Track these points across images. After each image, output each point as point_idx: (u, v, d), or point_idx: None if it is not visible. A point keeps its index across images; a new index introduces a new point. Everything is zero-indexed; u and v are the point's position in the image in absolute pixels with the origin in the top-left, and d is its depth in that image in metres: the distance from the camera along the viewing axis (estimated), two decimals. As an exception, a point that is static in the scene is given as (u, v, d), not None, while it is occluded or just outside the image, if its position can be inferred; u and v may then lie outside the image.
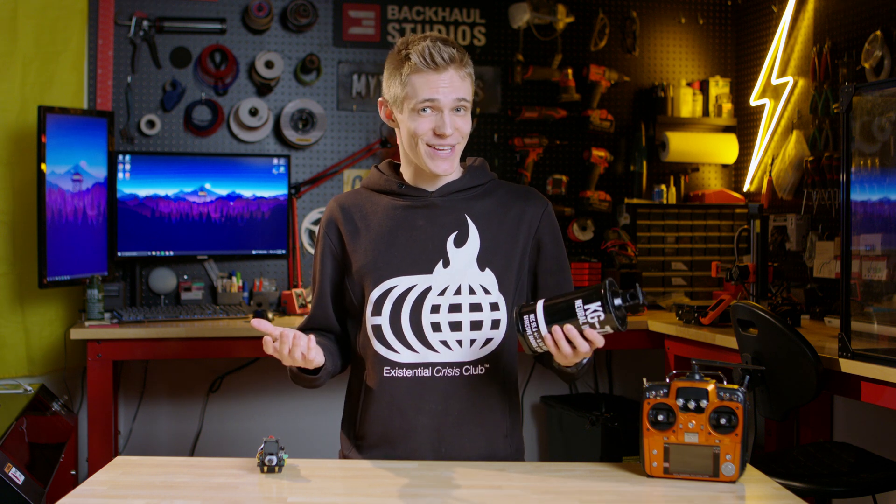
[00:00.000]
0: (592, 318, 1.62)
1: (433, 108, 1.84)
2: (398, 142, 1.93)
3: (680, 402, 1.64)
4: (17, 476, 2.62)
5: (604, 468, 1.75)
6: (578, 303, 1.63)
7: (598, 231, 4.31)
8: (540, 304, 1.66)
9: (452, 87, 1.83)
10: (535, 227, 1.94)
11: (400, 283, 1.87)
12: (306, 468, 1.73)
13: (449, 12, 4.19)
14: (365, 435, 1.92)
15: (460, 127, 1.86)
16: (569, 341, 1.64)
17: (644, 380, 1.68)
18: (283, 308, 3.82)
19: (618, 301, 1.62)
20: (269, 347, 1.73)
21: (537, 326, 1.66)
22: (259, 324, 1.72)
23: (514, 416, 1.96)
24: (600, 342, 1.65)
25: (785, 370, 2.64)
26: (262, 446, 1.69)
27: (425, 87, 1.83)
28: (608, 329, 1.63)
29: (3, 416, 2.96)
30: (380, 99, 1.95)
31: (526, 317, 1.67)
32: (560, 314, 1.64)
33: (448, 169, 1.87)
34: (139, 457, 1.82)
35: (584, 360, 1.75)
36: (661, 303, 4.01)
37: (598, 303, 1.61)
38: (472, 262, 1.89)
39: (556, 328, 1.64)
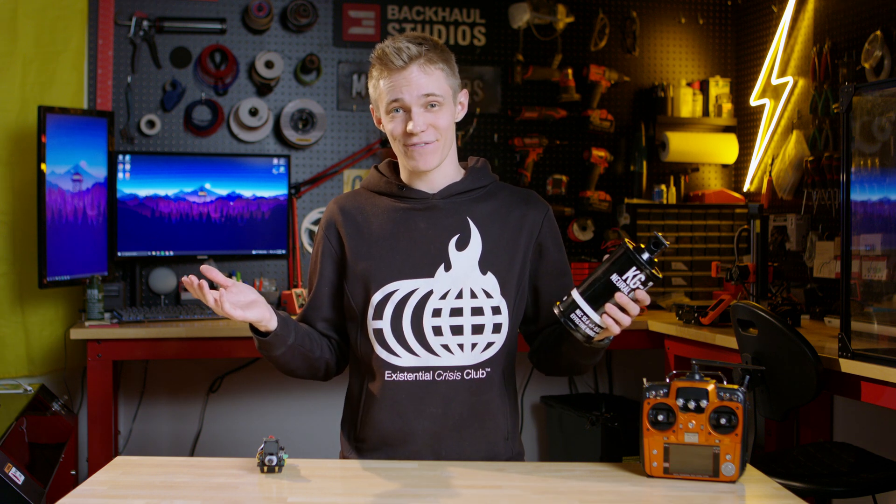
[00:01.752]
0: (634, 283, 1.65)
1: (402, 108, 1.84)
2: None
3: (680, 402, 1.64)
4: (17, 476, 2.62)
5: (604, 468, 1.75)
6: (615, 277, 1.65)
7: (598, 231, 4.31)
8: (578, 297, 1.68)
9: (417, 84, 1.81)
10: (536, 232, 1.94)
11: (401, 286, 1.87)
12: (306, 468, 1.73)
13: (449, 12, 4.19)
14: (365, 438, 1.91)
15: (434, 122, 1.84)
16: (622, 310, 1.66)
17: (644, 380, 1.68)
18: (283, 308, 3.82)
19: (646, 256, 1.65)
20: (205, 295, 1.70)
21: (588, 318, 1.67)
22: (208, 271, 1.71)
23: (514, 419, 1.96)
24: (648, 299, 1.67)
25: (785, 370, 2.64)
26: (262, 446, 1.69)
27: (390, 89, 1.83)
28: (650, 284, 1.66)
29: (3, 416, 2.96)
30: (371, 105, 1.95)
31: (573, 314, 1.68)
32: (604, 295, 1.66)
33: (429, 164, 1.86)
34: (139, 457, 1.82)
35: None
36: (661, 303, 4.01)
37: (633, 267, 1.64)
38: (474, 265, 1.88)
39: (610, 308, 1.66)
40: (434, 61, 1.83)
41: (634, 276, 1.65)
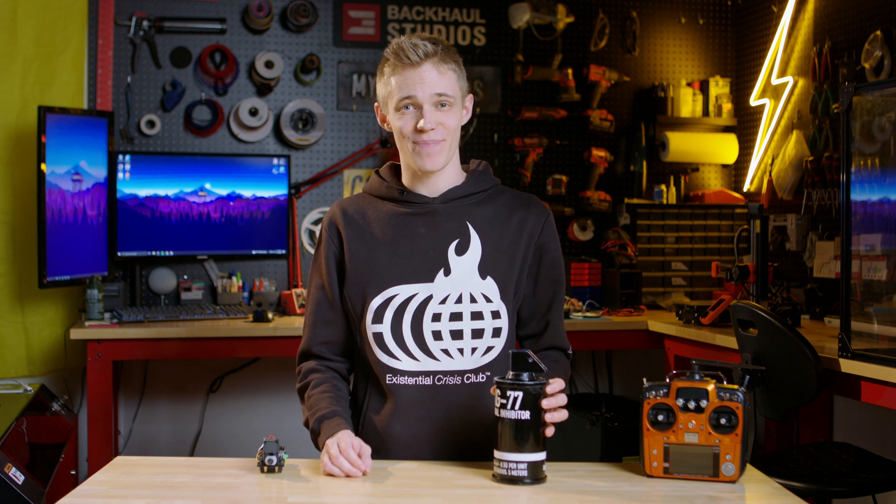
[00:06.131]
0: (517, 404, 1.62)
1: (413, 105, 1.83)
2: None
3: (680, 402, 1.64)
4: (17, 476, 2.62)
5: (604, 468, 1.75)
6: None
7: (598, 231, 4.31)
8: (501, 454, 1.65)
9: (430, 81, 1.82)
10: (536, 236, 1.94)
11: (401, 291, 1.87)
12: (306, 468, 1.73)
13: (449, 12, 4.19)
14: (367, 440, 1.91)
15: (444, 122, 1.84)
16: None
17: (644, 380, 1.68)
18: (282, 308, 3.82)
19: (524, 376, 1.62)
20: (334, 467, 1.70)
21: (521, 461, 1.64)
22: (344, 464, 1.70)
23: None
24: (554, 410, 1.65)
25: (785, 370, 2.64)
26: (262, 446, 1.69)
27: (403, 85, 1.83)
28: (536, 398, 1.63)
29: (3, 416, 2.96)
30: (375, 104, 1.95)
31: (508, 467, 1.64)
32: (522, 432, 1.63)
33: (436, 164, 1.86)
34: (139, 457, 1.82)
35: None
36: (661, 303, 4.01)
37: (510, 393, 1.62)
38: (474, 270, 1.88)
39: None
40: (447, 61, 1.84)
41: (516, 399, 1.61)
